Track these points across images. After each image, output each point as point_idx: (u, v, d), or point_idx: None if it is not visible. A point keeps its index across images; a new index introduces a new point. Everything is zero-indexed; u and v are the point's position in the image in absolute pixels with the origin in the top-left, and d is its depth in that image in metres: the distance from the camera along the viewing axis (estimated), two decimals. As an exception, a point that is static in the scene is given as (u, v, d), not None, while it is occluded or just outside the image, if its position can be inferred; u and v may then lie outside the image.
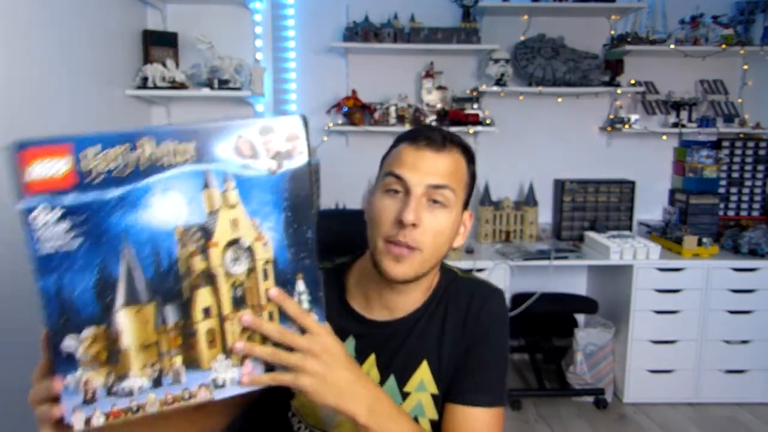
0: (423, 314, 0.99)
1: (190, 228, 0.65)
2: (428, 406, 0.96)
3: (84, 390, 0.64)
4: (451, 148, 0.93)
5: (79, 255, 0.62)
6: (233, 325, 0.68)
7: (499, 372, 0.97)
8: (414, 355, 0.97)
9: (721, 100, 3.35)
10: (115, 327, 0.64)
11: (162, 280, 0.65)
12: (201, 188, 0.65)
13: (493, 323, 0.98)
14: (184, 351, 0.67)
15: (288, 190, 0.68)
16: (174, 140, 0.63)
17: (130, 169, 0.62)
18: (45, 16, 1.88)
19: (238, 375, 0.69)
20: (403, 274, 0.90)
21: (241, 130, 0.66)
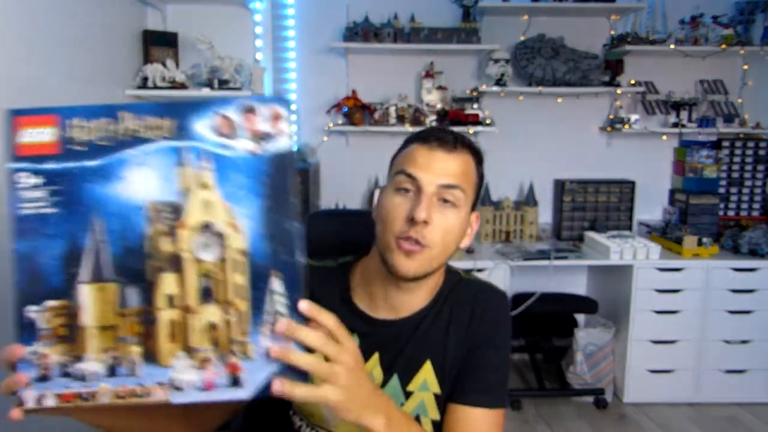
0: (427, 314, 1.00)
1: (161, 204, 0.63)
2: (431, 405, 0.97)
3: (39, 364, 0.63)
4: (461, 149, 0.95)
5: (52, 221, 0.63)
6: (198, 320, 0.63)
7: (502, 374, 0.98)
8: (418, 355, 0.98)
9: (721, 100, 3.35)
10: (76, 302, 0.63)
11: (128, 258, 0.63)
12: (175, 165, 0.63)
13: (497, 325, 0.99)
14: (143, 341, 0.63)
15: (269, 174, 0.63)
16: (153, 115, 0.63)
17: (110, 141, 0.63)
18: (45, 16, 1.88)
19: (198, 379, 0.62)
20: (413, 271, 0.91)
21: (221, 107, 0.63)
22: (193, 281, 0.64)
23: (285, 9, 3.13)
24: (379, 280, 0.98)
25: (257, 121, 0.64)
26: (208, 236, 0.64)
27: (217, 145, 0.63)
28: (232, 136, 0.64)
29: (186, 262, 0.63)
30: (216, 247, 0.63)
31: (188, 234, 0.63)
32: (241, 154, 0.63)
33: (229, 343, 0.63)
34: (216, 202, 0.63)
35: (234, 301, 0.63)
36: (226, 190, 0.63)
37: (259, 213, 0.63)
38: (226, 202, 0.63)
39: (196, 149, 0.63)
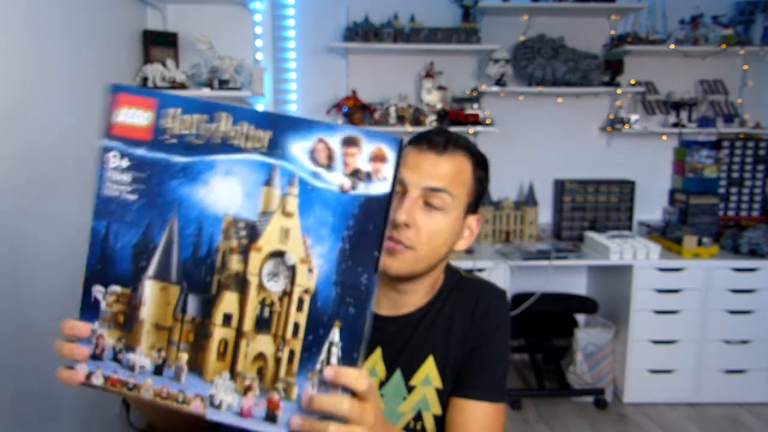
0: (429, 311, 1.01)
1: (239, 221, 0.61)
2: (432, 400, 0.99)
3: (95, 343, 0.64)
4: (454, 151, 0.94)
5: (132, 209, 0.62)
6: (248, 345, 0.62)
7: (503, 370, 1.01)
8: (420, 350, 0.99)
9: (721, 100, 3.35)
10: (139, 294, 0.63)
11: (196, 265, 0.62)
12: (262, 183, 0.61)
13: (499, 324, 1.01)
14: (192, 350, 0.63)
15: (355, 217, 0.59)
16: (251, 123, 0.61)
17: (202, 140, 0.62)
18: (45, 16, 1.88)
19: (236, 404, 0.62)
20: (395, 269, 0.92)
21: (323, 132, 0.59)
22: (253, 307, 0.62)
23: (285, 9, 3.13)
24: (380, 280, 0.99)
25: (358, 156, 0.59)
26: (279, 266, 0.61)
27: (311, 172, 0.60)
28: (328, 166, 0.60)
29: (250, 286, 0.62)
30: (283, 279, 0.61)
31: (259, 258, 0.61)
32: (333, 188, 0.59)
33: (275, 378, 0.61)
34: (294, 233, 0.60)
35: (289, 338, 0.61)
36: (308, 223, 0.60)
37: (335, 256, 0.60)
38: (304, 236, 0.60)
39: (287, 171, 0.60)
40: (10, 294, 1.69)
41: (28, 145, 1.80)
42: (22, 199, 1.72)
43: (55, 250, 1.85)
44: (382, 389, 0.99)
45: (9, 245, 1.69)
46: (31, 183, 1.78)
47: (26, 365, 1.74)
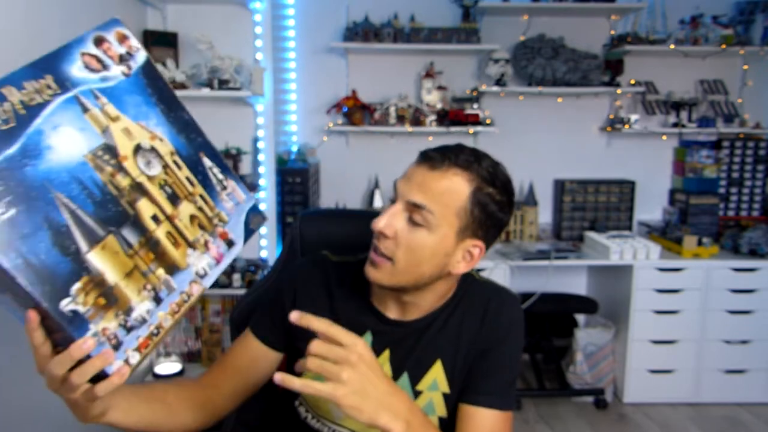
0: (439, 316, 1.00)
1: (96, 152, 0.67)
2: (439, 404, 0.98)
3: (106, 339, 0.64)
4: (449, 169, 0.88)
5: (21, 221, 0.59)
6: (180, 219, 0.73)
7: (512, 376, 0.99)
8: (428, 355, 0.98)
9: (721, 100, 3.35)
10: (94, 271, 0.64)
11: (104, 208, 0.66)
12: (82, 113, 0.67)
13: (510, 329, 0.99)
14: (160, 261, 0.70)
15: (149, 85, 0.73)
16: (30, 79, 0.63)
17: (14, 121, 0.61)
18: (44, 16, 1.88)
19: (210, 259, 0.76)
20: (376, 279, 0.92)
21: (80, 47, 0.68)
22: (159, 194, 0.72)
23: (285, 9, 3.13)
24: None
25: (113, 46, 0.71)
26: (144, 155, 0.71)
27: (99, 80, 0.69)
28: (104, 68, 0.70)
29: (145, 184, 0.71)
30: (155, 161, 0.72)
31: (132, 162, 0.70)
32: (120, 79, 0.71)
33: (209, 221, 0.77)
34: (131, 126, 0.71)
35: (192, 190, 0.76)
36: (130, 113, 0.71)
37: (163, 118, 0.75)
38: (138, 123, 0.72)
39: (87, 92, 0.67)
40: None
41: (28, 145, 1.80)
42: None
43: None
44: None
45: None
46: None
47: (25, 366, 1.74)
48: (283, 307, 1.03)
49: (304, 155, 3.05)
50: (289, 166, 2.90)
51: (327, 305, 1.03)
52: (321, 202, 3.30)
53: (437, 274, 0.92)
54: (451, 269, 0.93)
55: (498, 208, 0.91)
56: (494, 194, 0.90)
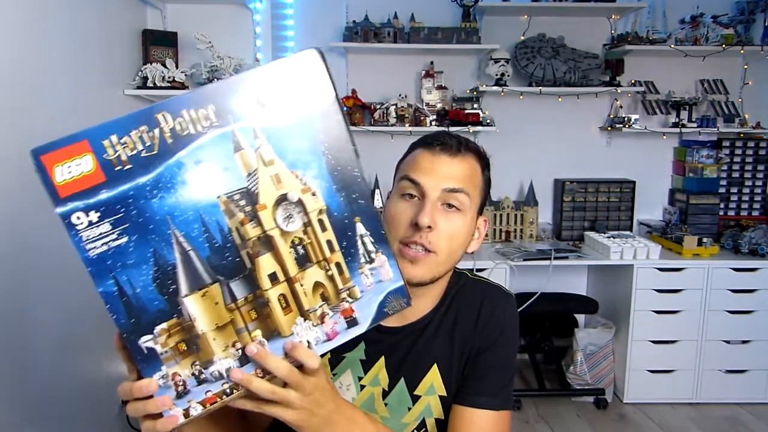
0: (433, 318, 0.99)
1: (233, 195, 0.62)
2: (436, 407, 0.97)
3: (173, 384, 0.62)
4: (465, 153, 0.94)
5: (129, 250, 0.59)
6: (303, 285, 0.66)
7: (508, 376, 0.98)
8: (424, 359, 0.98)
9: (721, 99, 3.34)
10: (186, 315, 0.62)
11: (220, 256, 0.62)
12: (233, 151, 0.61)
13: (504, 328, 0.99)
14: (261, 323, 0.65)
15: (322, 131, 0.64)
16: (190, 108, 0.59)
17: (155, 149, 0.59)
18: (44, 15, 1.87)
19: (321, 334, 0.67)
20: (419, 277, 0.90)
21: (254, 79, 0.61)
22: (288, 253, 0.65)
23: (285, 9, 3.12)
24: None
25: (295, 82, 0.62)
26: (288, 208, 0.64)
27: (265, 118, 0.62)
28: (275, 105, 0.62)
29: (275, 239, 0.64)
30: (298, 216, 0.65)
31: (269, 213, 0.64)
32: (290, 119, 0.62)
33: (337, 293, 0.68)
34: (284, 174, 0.63)
35: (330, 256, 0.67)
36: (289, 159, 0.63)
37: (326, 171, 0.65)
38: (293, 171, 0.63)
39: (247, 129, 0.61)
40: (16, 293, 1.69)
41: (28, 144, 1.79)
42: (22, 198, 1.72)
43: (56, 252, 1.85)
44: (386, 398, 0.97)
45: (15, 245, 1.69)
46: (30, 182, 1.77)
47: (26, 366, 1.74)
48: None
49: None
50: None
51: None
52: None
53: (462, 255, 0.96)
54: (468, 249, 0.97)
55: (490, 183, 1.01)
56: (488, 172, 1.00)
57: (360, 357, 0.98)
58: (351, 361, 0.98)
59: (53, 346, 1.86)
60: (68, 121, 2.03)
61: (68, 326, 1.93)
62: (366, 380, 0.98)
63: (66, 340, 1.92)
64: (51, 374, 1.83)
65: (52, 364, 1.84)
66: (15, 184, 1.69)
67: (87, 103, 2.17)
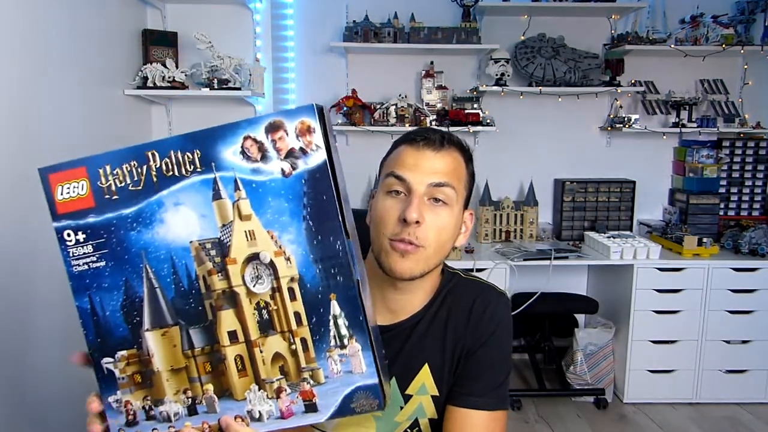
0: (423, 317, 0.99)
1: (205, 243, 0.61)
2: (428, 407, 0.97)
3: (125, 411, 0.64)
4: (449, 147, 0.95)
5: (106, 274, 0.62)
6: (263, 352, 0.63)
7: (502, 376, 0.98)
8: (415, 359, 0.97)
9: (722, 99, 3.34)
10: (145, 349, 0.63)
11: (184, 300, 0.62)
12: (211, 199, 0.61)
13: (497, 327, 0.98)
14: (214, 378, 0.64)
15: (307, 194, 0.60)
16: (178, 150, 0.61)
17: (141, 185, 0.61)
18: (44, 16, 1.87)
19: (275, 409, 0.64)
20: (409, 270, 0.90)
21: (246, 130, 0.60)
22: (251, 315, 0.63)
23: (285, 9, 3.12)
24: (376, 284, 0.97)
25: (287, 138, 0.60)
26: (258, 268, 0.62)
27: (249, 171, 0.60)
28: (263, 158, 0.60)
29: (240, 297, 0.62)
30: (267, 278, 0.62)
31: (237, 269, 0.62)
32: (276, 176, 0.60)
33: (299, 371, 0.63)
34: (259, 232, 0.61)
35: (296, 329, 0.63)
36: (267, 217, 0.61)
37: (304, 237, 0.61)
38: (269, 231, 0.61)
39: (229, 179, 0.61)
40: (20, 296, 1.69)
41: (28, 143, 1.79)
42: (22, 196, 1.71)
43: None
44: None
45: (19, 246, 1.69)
46: (30, 181, 1.77)
47: (23, 373, 1.74)
48: None
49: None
50: (289, 165, 2.89)
51: None
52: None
53: (451, 249, 0.97)
54: (456, 243, 0.98)
55: (474, 177, 1.01)
56: (472, 165, 1.00)
57: None
58: None
59: (58, 350, 1.86)
60: (68, 121, 2.03)
61: (71, 330, 1.93)
62: None
63: (69, 341, 1.92)
64: (46, 381, 1.83)
65: (49, 370, 1.84)
66: (15, 184, 1.69)
67: (87, 102, 2.17)
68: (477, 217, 3.25)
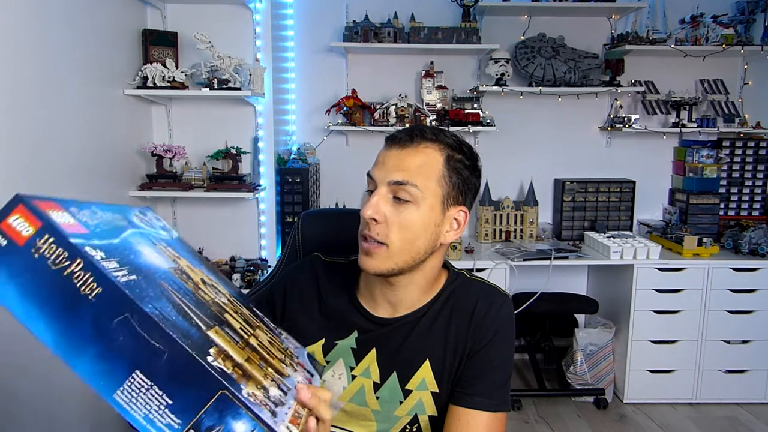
0: (426, 313, 1.00)
1: (176, 270, 0.65)
2: (428, 403, 0.98)
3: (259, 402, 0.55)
4: (420, 143, 0.93)
5: (144, 286, 0.55)
6: (261, 343, 0.68)
7: (504, 377, 0.98)
8: (417, 354, 0.98)
9: (721, 99, 3.34)
10: (219, 346, 0.57)
11: (200, 308, 0.60)
12: (153, 244, 0.66)
13: (499, 328, 0.98)
14: (266, 362, 0.64)
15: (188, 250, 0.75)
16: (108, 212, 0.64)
17: (107, 226, 0.60)
18: (44, 15, 1.87)
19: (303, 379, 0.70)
20: (374, 267, 0.92)
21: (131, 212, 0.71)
22: (236, 318, 0.68)
23: (285, 9, 3.12)
24: (373, 279, 0.99)
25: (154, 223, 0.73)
26: (210, 288, 0.70)
27: (155, 233, 0.71)
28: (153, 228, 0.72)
29: (224, 305, 0.68)
30: (220, 294, 0.71)
31: (204, 288, 0.67)
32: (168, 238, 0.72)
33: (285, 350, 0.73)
34: (191, 266, 0.70)
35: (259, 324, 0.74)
36: (186, 258, 0.71)
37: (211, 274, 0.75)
38: (195, 267, 0.71)
39: (147, 235, 0.67)
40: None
41: (28, 143, 1.79)
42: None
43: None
44: (377, 392, 0.98)
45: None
46: (30, 181, 1.77)
47: (30, 371, 1.74)
48: (273, 309, 1.07)
49: (304, 155, 3.04)
50: (289, 166, 2.90)
51: (315, 305, 1.05)
52: (321, 202, 3.29)
53: (431, 247, 0.95)
54: (443, 240, 0.96)
55: (470, 172, 0.96)
56: (464, 159, 0.95)
57: (351, 345, 1.00)
58: (343, 349, 1.00)
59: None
60: (68, 121, 2.03)
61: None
62: (357, 371, 0.99)
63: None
64: (52, 378, 1.83)
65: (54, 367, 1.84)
66: (15, 184, 1.69)
67: (87, 102, 2.17)
68: (477, 217, 3.25)
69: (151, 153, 2.59)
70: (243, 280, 2.65)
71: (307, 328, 1.02)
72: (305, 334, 1.02)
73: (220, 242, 2.87)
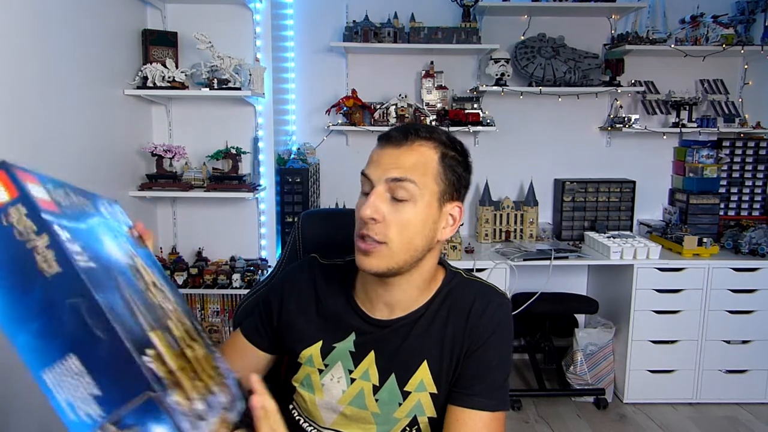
0: (423, 314, 1.00)
1: (132, 268, 0.63)
2: (427, 405, 0.98)
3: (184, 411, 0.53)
4: (414, 141, 0.93)
5: (99, 274, 0.54)
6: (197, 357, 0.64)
7: (502, 376, 0.98)
8: (415, 356, 0.98)
9: (722, 99, 3.34)
10: (157, 348, 0.55)
11: (148, 309, 0.59)
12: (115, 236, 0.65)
13: (496, 328, 0.98)
14: (198, 378, 0.60)
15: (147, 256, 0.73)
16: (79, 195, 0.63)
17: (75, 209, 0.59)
18: (44, 15, 1.87)
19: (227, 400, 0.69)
20: (374, 267, 0.92)
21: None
22: (178, 325, 0.64)
23: (285, 9, 3.12)
24: (370, 280, 0.99)
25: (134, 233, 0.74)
26: (158, 292, 0.66)
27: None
28: None
29: (168, 311, 0.65)
30: (167, 300, 0.67)
31: (154, 289, 0.65)
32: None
33: (217, 369, 0.68)
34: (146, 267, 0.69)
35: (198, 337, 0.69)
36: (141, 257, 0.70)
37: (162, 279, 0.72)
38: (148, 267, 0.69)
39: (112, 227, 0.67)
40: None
41: (27, 142, 1.79)
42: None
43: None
44: (377, 394, 0.98)
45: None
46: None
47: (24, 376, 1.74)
48: (270, 310, 1.07)
49: (304, 155, 3.04)
50: (289, 166, 2.90)
51: (313, 307, 1.04)
52: (321, 202, 3.29)
53: (428, 245, 0.95)
54: (439, 237, 0.97)
55: (463, 169, 0.97)
56: (457, 156, 0.96)
57: (349, 348, 1.00)
58: (341, 352, 1.00)
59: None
60: (68, 121, 2.03)
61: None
62: (356, 374, 0.99)
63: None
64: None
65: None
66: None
67: (87, 102, 2.17)
68: (477, 217, 3.25)
69: (151, 153, 2.59)
70: (243, 280, 2.65)
71: (304, 330, 1.02)
72: (302, 335, 1.02)
73: (220, 242, 2.87)
